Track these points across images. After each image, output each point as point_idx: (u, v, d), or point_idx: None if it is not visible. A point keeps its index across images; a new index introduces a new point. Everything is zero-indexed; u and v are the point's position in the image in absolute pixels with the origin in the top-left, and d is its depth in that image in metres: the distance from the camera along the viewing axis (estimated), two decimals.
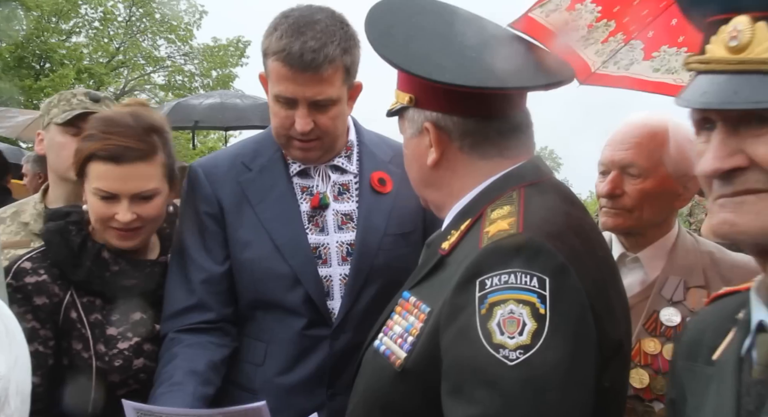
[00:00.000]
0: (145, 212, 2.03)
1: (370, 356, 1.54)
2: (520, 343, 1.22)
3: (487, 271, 1.29)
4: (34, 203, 2.64)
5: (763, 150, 0.94)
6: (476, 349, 1.25)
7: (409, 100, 1.56)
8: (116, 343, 2.02)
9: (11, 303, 1.95)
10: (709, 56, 0.98)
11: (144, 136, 2.01)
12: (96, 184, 2.00)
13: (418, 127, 1.56)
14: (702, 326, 1.19)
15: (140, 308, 2.09)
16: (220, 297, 2.09)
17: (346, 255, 2.08)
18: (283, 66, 1.93)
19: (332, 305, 2.06)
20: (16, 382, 0.94)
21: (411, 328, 1.42)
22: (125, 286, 2.06)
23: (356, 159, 2.18)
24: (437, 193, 1.60)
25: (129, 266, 2.09)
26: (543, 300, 1.24)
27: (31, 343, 1.94)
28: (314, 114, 1.98)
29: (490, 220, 1.42)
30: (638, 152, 2.06)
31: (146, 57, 25.01)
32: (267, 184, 2.12)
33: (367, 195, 2.13)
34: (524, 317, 1.23)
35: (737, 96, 0.93)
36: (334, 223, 2.11)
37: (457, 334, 1.29)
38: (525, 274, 1.26)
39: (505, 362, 1.22)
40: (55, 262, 2.03)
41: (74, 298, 2.03)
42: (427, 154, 1.55)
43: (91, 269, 2.03)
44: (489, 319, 1.25)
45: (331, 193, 2.13)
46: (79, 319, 2.02)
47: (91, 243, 2.07)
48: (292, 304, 2.04)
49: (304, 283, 2.03)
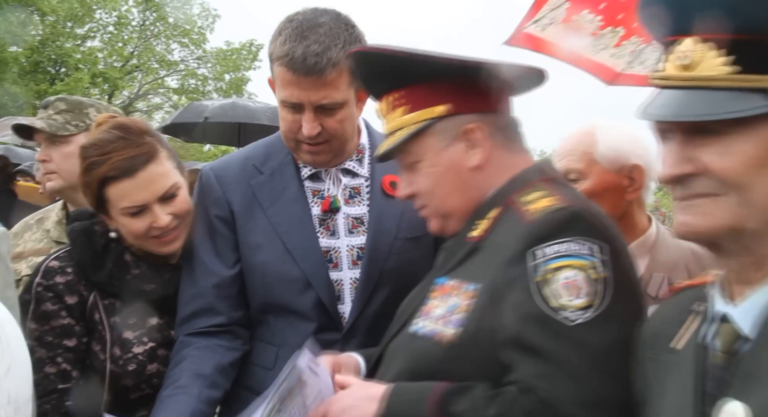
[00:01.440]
0: (176, 209, 2.03)
1: (405, 341, 1.59)
2: (579, 305, 1.34)
3: (541, 241, 1.39)
4: (57, 210, 2.66)
5: (707, 158, 1.04)
6: (537, 313, 1.35)
7: (444, 111, 1.61)
8: (131, 347, 2.02)
9: (41, 301, 1.99)
10: (666, 73, 1.09)
11: (139, 141, 2.00)
12: (121, 204, 1.98)
13: (453, 135, 1.62)
14: (661, 318, 1.27)
15: (157, 313, 2.09)
16: (230, 301, 2.08)
17: (357, 259, 2.06)
18: (287, 71, 1.91)
19: (343, 309, 2.04)
20: (7, 391, 0.91)
21: (456, 307, 1.49)
22: (144, 290, 2.06)
23: (368, 162, 2.15)
24: (465, 196, 1.64)
25: (149, 270, 2.09)
26: (597, 266, 1.36)
27: (69, 338, 1.99)
28: (321, 118, 1.96)
29: (526, 201, 1.51)
30: (570, 158, 2.24)
31: (160, 61, 25.19)
32: (278, 188, 2.10)
33: (379, 198, 2.10)
34: (581, 282, 1.35)
35: (688, 110, 1.04)
36: (345, 227, 2.09)
37: (516, 302, 1.38)
38: (579, 243, 1.38)
39: (565, 323, 1.33)
40: (78, 262, 2.04)
41: (97, 299, 2.04)
42: (465, 159, 1.62)
43: (112, 271, 2.04)
44: (547, 285, 1.36)
45: (342, 196, 2.11)
46: (101, 320, 2.03)
47: (114, 245, 2.07)
48: (303, 308, 2.03)
49: (315, 286, 2.02)
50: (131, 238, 2.05)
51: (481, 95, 1.63)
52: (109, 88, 23.09)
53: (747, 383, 1.01)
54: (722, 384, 1.05)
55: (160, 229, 2.00)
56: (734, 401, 1.01)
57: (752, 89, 1.01)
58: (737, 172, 1.02)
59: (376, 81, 1.73)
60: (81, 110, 2.60)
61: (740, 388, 1.02)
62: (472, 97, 1.63)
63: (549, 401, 1.32)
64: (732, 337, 1.07)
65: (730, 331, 1.08)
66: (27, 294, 2.01)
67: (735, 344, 1.07)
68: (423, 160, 1.66)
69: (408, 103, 1.65)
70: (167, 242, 2.04)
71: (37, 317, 1.98)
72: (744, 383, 1.02)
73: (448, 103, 1.62)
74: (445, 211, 1.67)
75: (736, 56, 1.02)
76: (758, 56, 1.01)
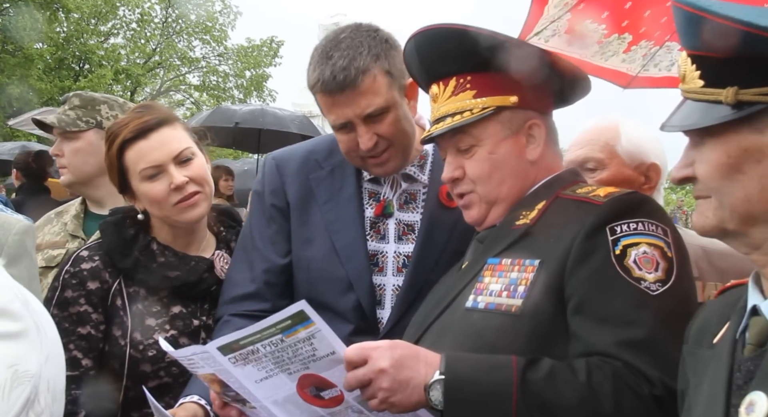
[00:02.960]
0: (192, 173, 2.08)
1: (457, 318, 1.63)
2: (658, 277, 1.46)
3: (616, 219, 1.51)
4: (76, 205, 2.71)
5: (697, 164, 1.13)
6: (618, 283, 1.45)
7: (513, 102, 1.68)
8: (152, 333, 2.05)
9: (65, 288, 2.03)
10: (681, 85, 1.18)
11: (156, 110, 2.13)
12: (139, 166, 2.06)
13: (517, 126, 1.70)
14: (708, 315, 1.30)
15: (181, 302, 2.12)
16: (278, 289, 2.09)
17: (402, 266, 2.05)
18: (323, 95, 1.92)
19: (382, 314, 2.04)
20: (47, 380, 0.94)
21: (518, 280, 1.56)
22: (168, 277, 2.10)
23: (429, 169, 2.12)
24: (517, 186, 1.71)
25: (175, 258, 2.13)
26: (669, 245, 1.50)
27: (83, 326, 2.02)
28: (373, 127, 1.92)
29: (584, 192, 1.63)
30: (591, 148, 2.28)
31: (182, 58, 25.41)
32: (336, 185, 2.11)
33: (433, 207, 2.07)
34: (657, 258, 1.47)
35: (678, 119, 1.14)
36: (395, 233, 2.08)
37: (592, 273, 1.47)
38: (651, 223, 1.51)
39: (648, 292, 1.44)
40: (107, 250, 2.09)
41: (122, 286, 2.08)
42: (525, 152, 1.71)
43: (138, 258, 2.09)
44: (625, 258, 1.47)
45: (398, 201, 2.09)
46: (123, 306, 2.07)
47: (142, 235, 2.13)
48: (343, 309, 2.03)
49: (357, 289, 2.02)
50: (155, 208, 2.10)
51: (543, 94, 1.74)
52: (131, 85, 23.33)
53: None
54: (750, 376, 1.07)
55: (179, 192, 2.04)
56: (756, 391, 1.02)
57: (716, 101, 1.07)
58: (712, 178, 1.11)
59: (442, 62, 1.73)
60: (93, 107, 2.65)
61: (763, 379, 1.03)
62: (536, 95, 1.71)
63: (635, 366, 1.38)
64: (763, 329, 1.09)
65: (762, 324, 1.09)
66: (56, 281, 2.06)
67: (765, 336, 1.08)
68: (482, 145, 1.69)
69: (475, 88, 1.68)
70: (189, 206, 2.07)
71: (59, 303, 2.02)
72: (767, 374, 1.03)
73: (516, 94, 1.67)
74: (495, 197, 1.71)
75: (701, 71, 1.10)
76: (716, 72, 1.08)
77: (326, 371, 1.50)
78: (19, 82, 18.72)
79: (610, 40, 2.47)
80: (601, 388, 1.37)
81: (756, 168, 1.06)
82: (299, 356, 1.48)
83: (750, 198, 1.07)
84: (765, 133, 1.05)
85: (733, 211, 1.09)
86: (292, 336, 1.45)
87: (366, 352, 1.45)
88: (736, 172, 1.08)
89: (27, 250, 1.92)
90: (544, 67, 1.68)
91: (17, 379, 0.89)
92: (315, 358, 1.48)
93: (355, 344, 1.47)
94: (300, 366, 1.50)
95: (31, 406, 0.90)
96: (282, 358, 1.49)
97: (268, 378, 1.54)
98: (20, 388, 0.89)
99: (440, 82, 1.74)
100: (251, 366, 1.52)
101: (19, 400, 0.88)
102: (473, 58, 1.67)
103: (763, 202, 1.07)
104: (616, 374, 1.38)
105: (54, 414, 0.96)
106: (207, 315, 2.15)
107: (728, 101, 1.05)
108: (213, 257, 2.19)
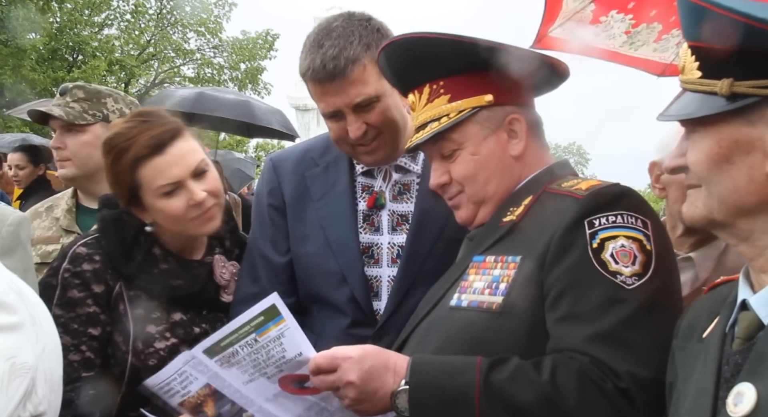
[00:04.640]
0: (209, 186, 2.03)
1: (441, 317, 1.64)
2: (635, 271, 1.44)
3: (596, 211, 1.49)
4: (66, 199, 2.68)
5: (689, 152, 1.15)
6: (594, 277, 1.43)
7: (488, 100, 1.67)
8: (153, 341, 2.02)
9: (68, 287, 2.00)
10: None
11: (162, 121, 2.03)
12: (155, 184, 1.98)
13: (497, 124, 1.68)
14: (698, 311, 1.31)
15: (181, 309, 2.09)
16: (281, 287, 2.06)
17: (396, 257, 2.07)
18: (314, 83, 1.93)
19: (378, 306, 2.06)
20: (44, 371, 0.94)
21: (500, 278, 1.56)
22: (171, 286, 2.06)
23: (421, 159, 2.13)
24: (503, 183, 1.70)
25: (177, 266, 2.09)
26: (648, 238, 1.48)
27: (95, 327, 1.99)
28: (362, 116, 1.94)
29: (568, 186, 1.60)
30: None
31: (176, 49, 25.26)
32: (330, 181, 2.13)
33: (426, 197, 2.06)
34: (635, 251, 1.45)
35: (682, 109, 1.14)
36: (389, 224, 2.10)
37: (570, 267, 1.46)
38: (630, 216, 1.49)
39: (623, 286, 1.42)
40: (108, 251, 2.04)
41: (122, 289, 2.04)
42: (507, 148, 1.69)
43: (141, 264, 2.04)
44: (602, 251, 1.45)
45: (391, 192, 2.11)
46: (125, 311, 2.03)
47: (143, 237, 2.07)
48: (338, 302, 2.06)
49: (350, 282, 2.04)
50: (171, 223, 2.04)
51: (518, 87, 1.70)
52: (125, 77, 23.20)
53: (758, 365, 1.04)
54: (738, 369, 1.08)
55: (198, 208, 2.00)
56: (744, 382, 1.04)
57: (712, 92, 1.08)
58: (702, 166, 1.12)
59: (412, 71, 1.73)
60: (99, 100, 2.63)
61: (751, 371, 1.05)
62: (511, 89, 1.69)
63: (602, 360, 1.38)
64: (751, 324, 1.11)
65: (750, 318, 1.11)
66: (53, 278, 2.01)
67: (754, 331, 1.10)
68: (464, 148, 1.69)
69: (448, 92, 1.68)
70: (206, 220, 2.04)
71: (63, 304, 1.98)
72: (755, 366, 1.05)
73: (490, 92, 1.66)
74: (482, 197, 1.71)
75: (699, 63, 1.11)
76: (713, 63, 1.09)
77: (298, 371, 1.57)
78: (12, 72, 18.58)
79: (639, 30, 2.45)
80: (565, 386, 1.38)
81: (745, 159, 1.08)
82: (272, 358, 1.56)
83: (738, 189, 1.09)
84: (757, 125, 1.06)
85: (721, 202, 1.11)
86: (264, 335, 1.54)
87: (336, 362, 1.51)
88: (725, 162, 1.09)
89: (21, 241, 1.90)
90: (514, 61, 1.66)
91: (15, 371, 0.89)
92: (285, 359, 1.56)
93: (325, 351, 1.54)
94: (275, 369, 1.58)
95: (29, 397, 0.90)
96: (258, 360, 1.57)
97: (251, 381, 1.61)
98: (18, 380, 0.89)
99: (415, 90, 1.74)
100: (235, 368, 1.60)
101: (18, 392, 0.88)
102: (442, 63, 1.67)
103: (750, 193, 1.08)
104: (581, 370, 1.39)
105: (52, 404, 0.96)
106: (207, 322, 2.12)
107: (723, 92, 1.06)
108: (212, 260, 2.17)
